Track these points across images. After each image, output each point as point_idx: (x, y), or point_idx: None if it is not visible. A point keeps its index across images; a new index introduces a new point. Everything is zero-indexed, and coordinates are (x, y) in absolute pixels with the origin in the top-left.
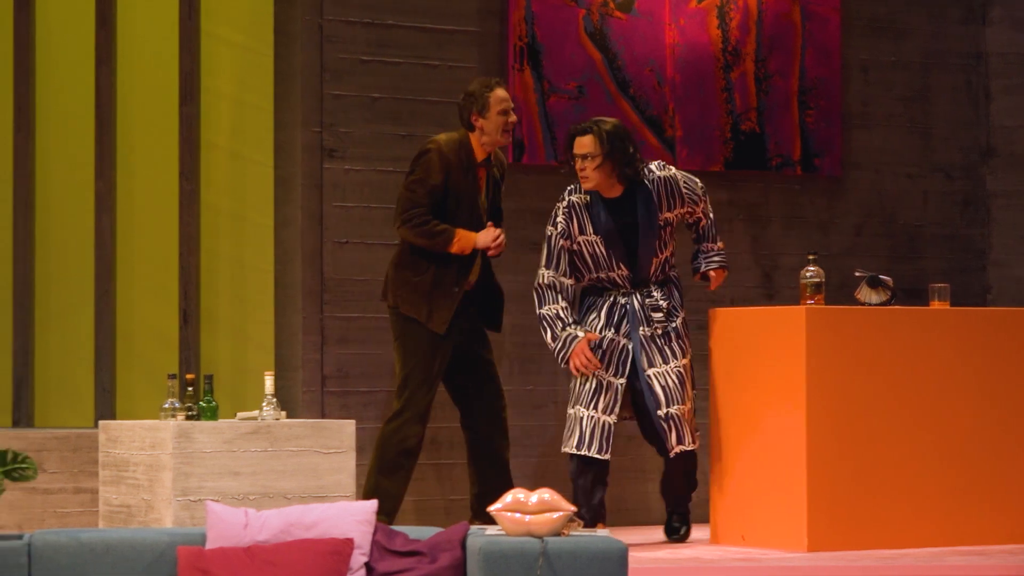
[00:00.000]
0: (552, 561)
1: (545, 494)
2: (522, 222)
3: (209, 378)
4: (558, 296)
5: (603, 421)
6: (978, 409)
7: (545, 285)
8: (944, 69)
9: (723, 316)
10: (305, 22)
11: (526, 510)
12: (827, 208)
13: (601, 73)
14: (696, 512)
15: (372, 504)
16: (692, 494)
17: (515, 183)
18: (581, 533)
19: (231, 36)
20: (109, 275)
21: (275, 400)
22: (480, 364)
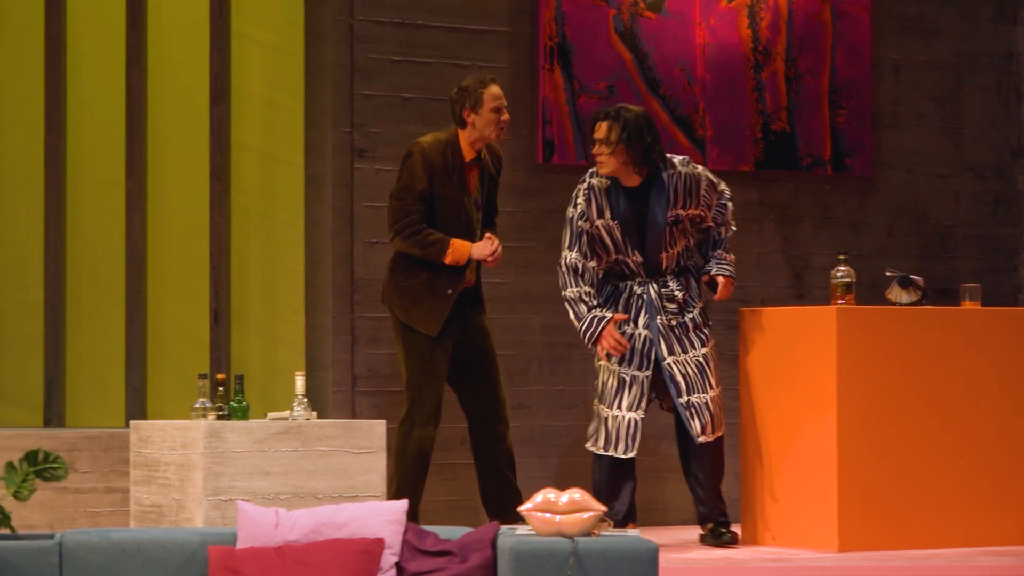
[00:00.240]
0: (583, 561)
1: (576, 494)
2: (552, 221)
3: (240, 378)
4: (581, 278)
5: (628, 419)
6: (1009, 409)
7: (569, 267)
8: (975, 69)
9: (753, 316)
10: (335, 22)
11: (556, 510)
12: (858, 208)
13: (631, 73)
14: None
15: (403, 504)
16: (718, 486)
17: (545, 183)
18: (611, 533)
19: (261, 36)
20: (140, 275)
21: (306, 400)
22: (479, 363)
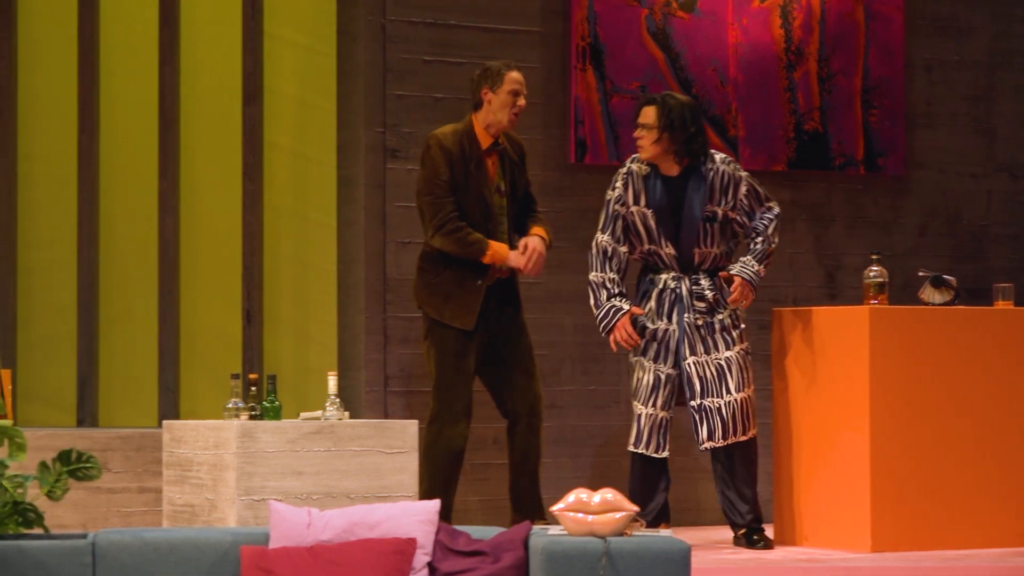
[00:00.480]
0: (615, 561)
1: (608, 494)
2: (585, 222)
3: (272, 378)
4: (608, 263)
5: (660, 418)
6: None
7: (599, 249)
8: (1008, 68)
9: (786, 316)
10: (368, 22)
11: (588, 510)
12: (891, 208)
13: (663, 73)
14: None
15: (435, 504)
16: (750, 491)
17: (578, 182)
18: (643, 533)
19: (294, 37)
20: (173, 275)
21: (338, 400)
22: (511, 357)
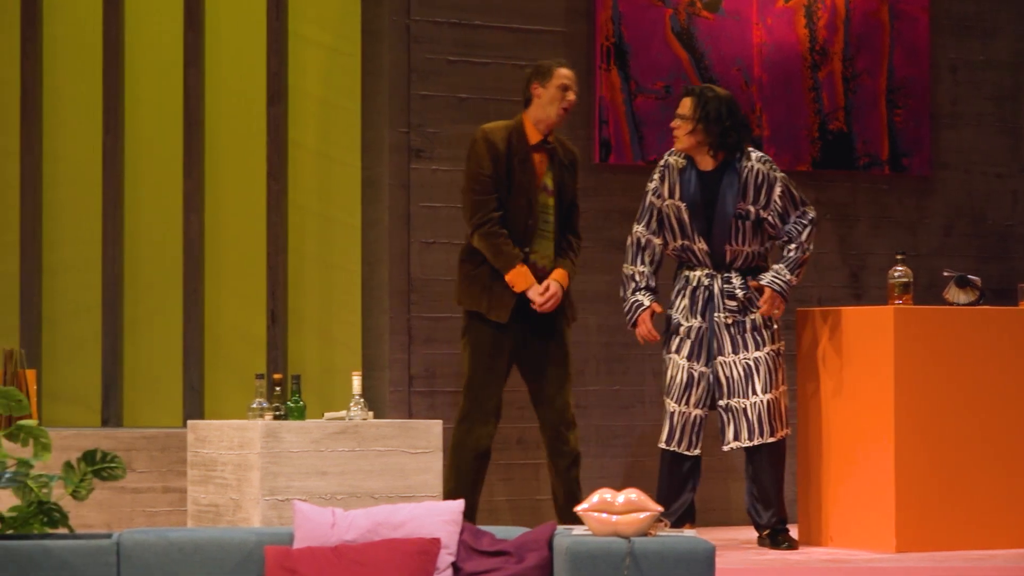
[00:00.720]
0: (639, 561)
1: (632, 494)
2: (609, 222)
3: (296, 378)
4: (641, 255)
5: (693, 416)
6: None
7: (634, 240)
8: None
9: (810, 316)
10: (392, 22)
11: (613, 510)
12: (915, 208)
13: (688, 73)
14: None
15: (459, 504)
16: (774, 493)
17: (602, 182)
18: (668, 533)
19: (319, 37)
20: (197, 275)
21: (362, 400)
22: (545, 356)
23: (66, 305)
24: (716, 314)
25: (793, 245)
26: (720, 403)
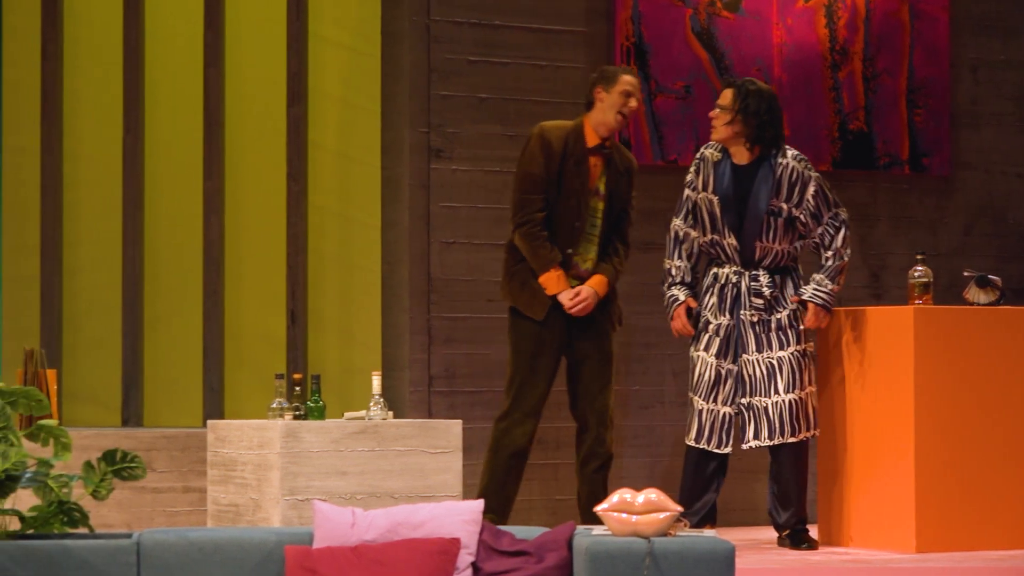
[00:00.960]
0: (659, 561)
1: (652, 494)
2: None
3: (316, 378)
4: (680, 247)
5: (723, 413)
6: None
7: (671, 235)
8: None
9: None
10: (412, 23)
11: (633, 510)
12: (936, 208)
13: (708, 73)
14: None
15: (479, 504)
16: (795, 494)
17: None
18: (688, 533)
19: (338, 37)
20: (217, 275)
21: (382, 400)
22: (586, 363)
23: (86, 305)
24: (742, 311)
25: (830, 252)
26: (742, 401)
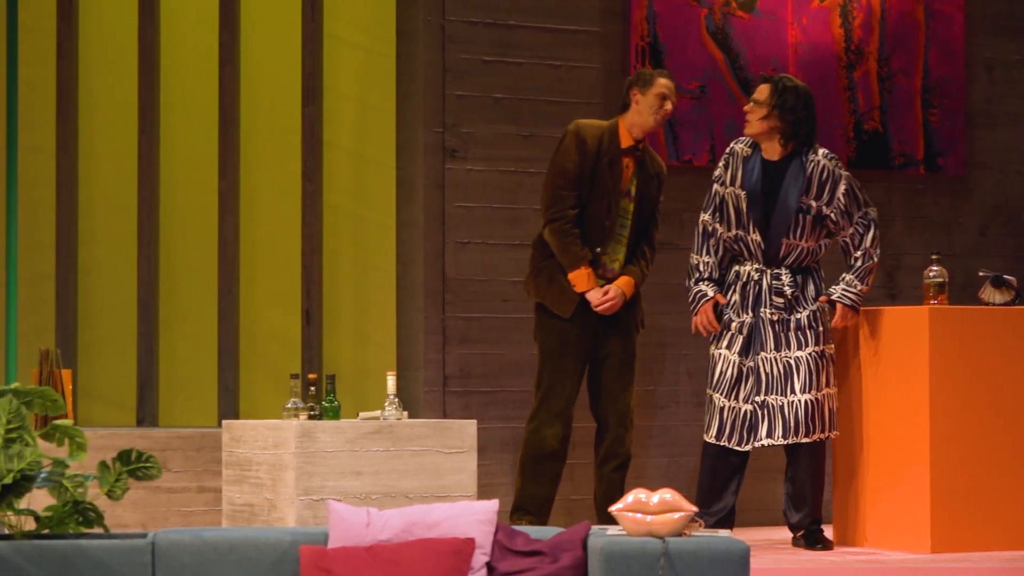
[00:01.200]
0: (674, 562)
1: (667, 494)
2: None
3: (331, 378)
4: (707, 243)
5: (743, 410)
6: None
7: (700, 230)
8: None
9: None
10: (427, 23)
11: (647, 510)
12: (951, 207)
13: (723, 73)
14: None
15: (493, 504)
16: (809, 494)
17: None
18: (703, 534)
19: (353, 37)
20: (232, 275)
21: (397, 400)
22: (609, 362)
23: (101, 304)
24: (762, 309)
25: (859, 253)
26: (757, 399)
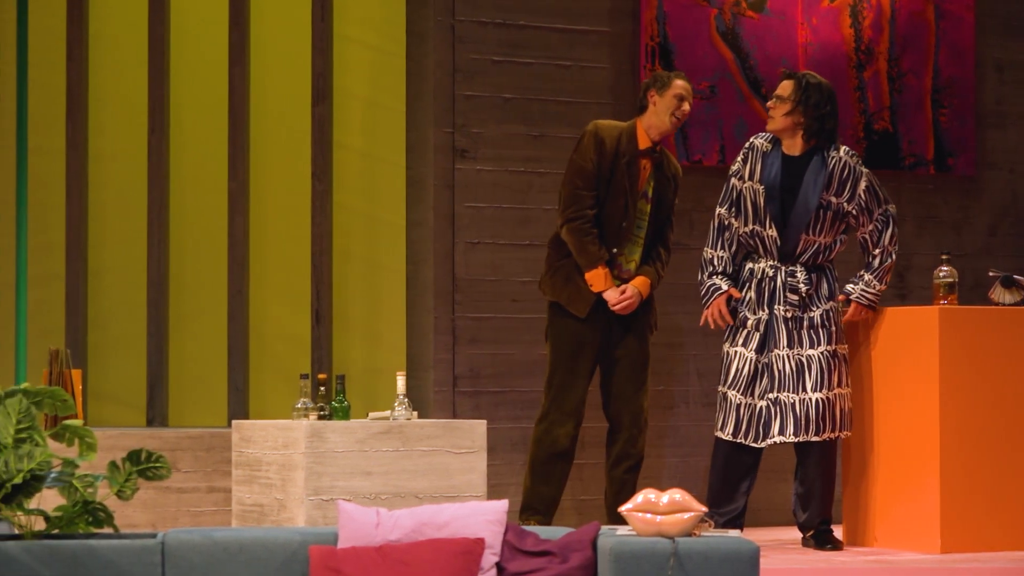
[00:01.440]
0: (683, 562)
1: (676, 494)
2: None
3: (341, 378)
4: (721, 237)
5: (759, 407)
6: None
7: (715, 224)
8: None
9: None
10: (437, 23)
11: (657, 510)
12: (961, 208)
13: (733, 73)
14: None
15: (503, 504)
16: (818, 494)
17: None
18: (712, 534)
19: (363, 37)
20: (242, 275)
21: (407, 400)
22: (623, 363)
23: (111, 305)
24: (776, 306)
25: (878, 250)
26: (771, 396)
